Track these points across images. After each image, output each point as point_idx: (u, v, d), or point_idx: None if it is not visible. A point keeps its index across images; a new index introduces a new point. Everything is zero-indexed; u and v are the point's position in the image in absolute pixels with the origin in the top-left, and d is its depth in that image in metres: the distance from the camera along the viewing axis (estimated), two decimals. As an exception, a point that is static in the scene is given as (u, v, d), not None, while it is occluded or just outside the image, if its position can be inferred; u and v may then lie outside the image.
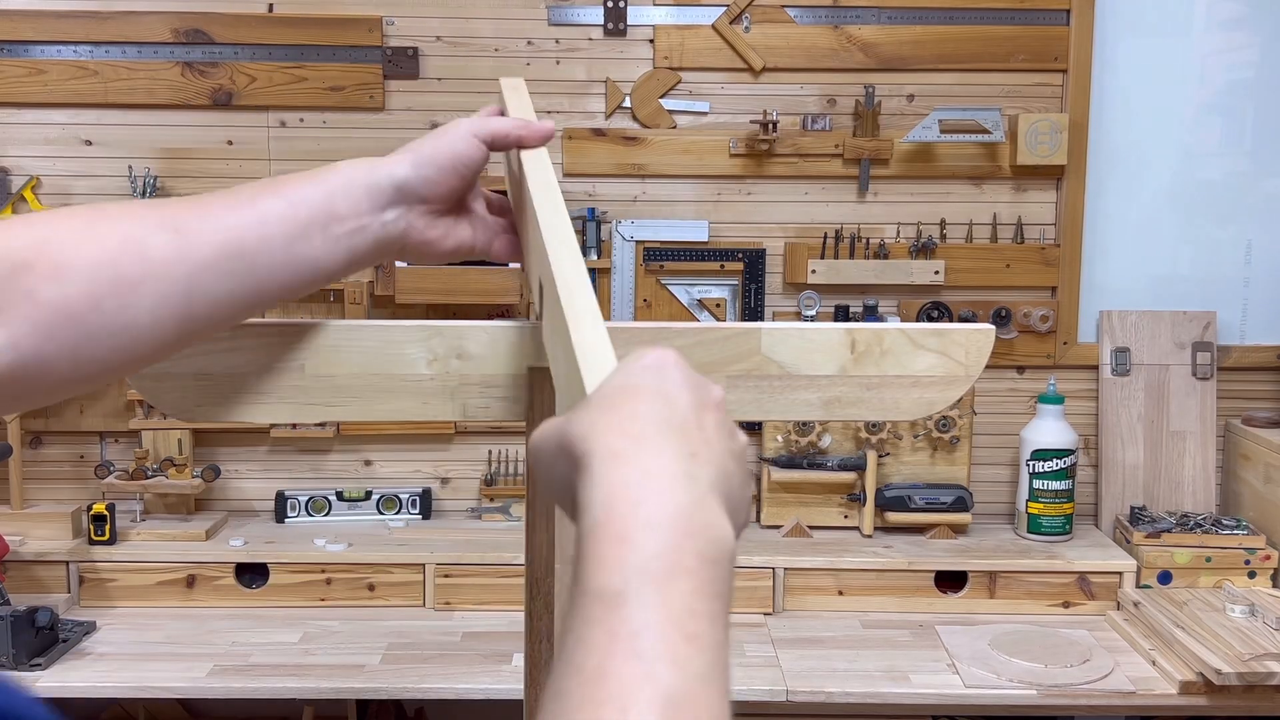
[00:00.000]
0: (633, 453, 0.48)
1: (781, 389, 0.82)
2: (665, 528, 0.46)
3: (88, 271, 0.69)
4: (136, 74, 2.34)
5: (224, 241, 0.73)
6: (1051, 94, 2.39)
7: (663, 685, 0.43)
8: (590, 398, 0.52)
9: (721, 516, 0.49)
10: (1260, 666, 1.86)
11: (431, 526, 2.39)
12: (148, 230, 0.71)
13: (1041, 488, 2.31)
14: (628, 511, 0.46)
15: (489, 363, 0.83)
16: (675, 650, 0.44)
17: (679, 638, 0.44)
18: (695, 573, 0.46)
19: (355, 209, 0.78)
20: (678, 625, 0.44)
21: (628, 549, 0.45)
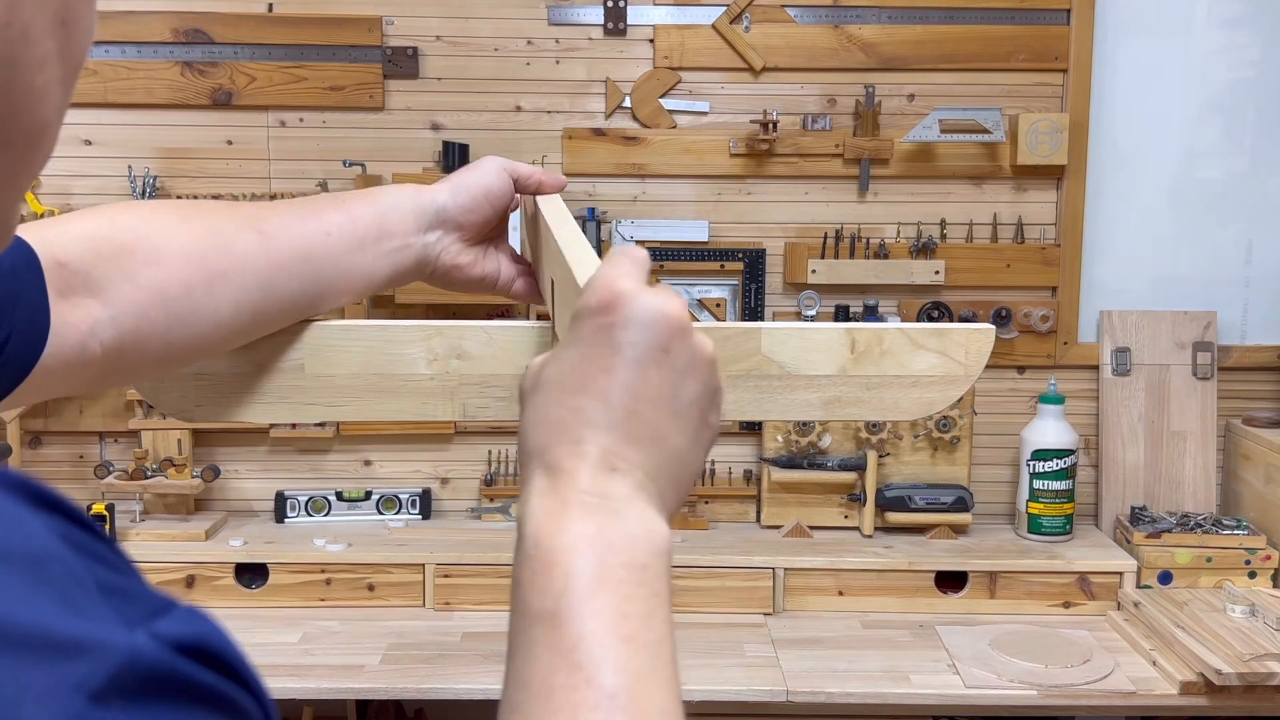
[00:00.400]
0: (558, 485, 0.54)
1: (781, 389, 0.82)
2: (585, 550, 0.51)
3: (182, 260, 0.74)
4: (136, 74, 2.34)
5: (297, 246, 0.80)
6: (1052, 94, 2.39)
7: (605, 688, 0.48)
8: (546, 373, 0.57)
9: (647, 518, 0.54)
10: (1261, 667, 1.86)
11: (431, 527, 2.39)
12: (235, 228, 0.77)
13: (1042, 488, 2.31)
14: (551, 542, 0.52)
15: (489, 363, 0.83)
16: (613, 654, 0.49)
17: (615, 641, 0.49)
18: (624, 581, 0.51)
19: (403, 227, 0.86)
20: (612, 630, 0.49)
21: (556, 573, 0.51)
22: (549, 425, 0.56)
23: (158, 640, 0.32)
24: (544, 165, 2.38)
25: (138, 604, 0.33)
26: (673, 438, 0.57)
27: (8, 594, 0.30)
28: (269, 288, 0.78)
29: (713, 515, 2.43)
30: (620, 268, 0.58)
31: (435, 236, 0.87)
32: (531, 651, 0.50)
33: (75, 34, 0.42)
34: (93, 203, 2.37)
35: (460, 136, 2.36)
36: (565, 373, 0.56)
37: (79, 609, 0.31)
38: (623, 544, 0.53)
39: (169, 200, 0.79)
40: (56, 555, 0.32)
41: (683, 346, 0.57)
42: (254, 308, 0.77)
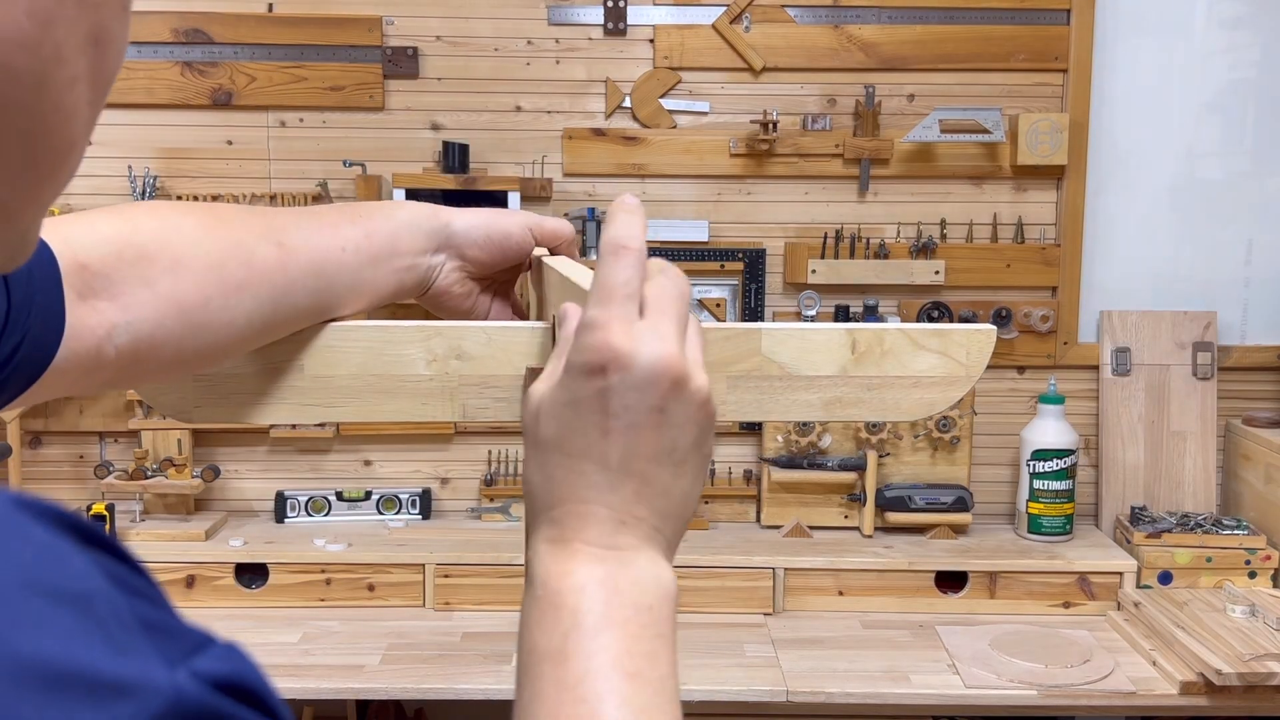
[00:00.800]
0: (566, 536, 0.57)
1: (782, 389, 0.82)
2: (592, 592, 0.54)
3: (203, 270, 0.74)
4: (136, 74, 2.34)
5: (314, 260, 0.79)
6: (1052, 94, 2.39)
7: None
8: (544, 428, 0.59)
9: (655, 564, 0.57)
10: (1261, 667, 1.86)
11: (431, 527, 2.39)
12: (256, 239, 0.77)
13: (1042, 488, 2.31)
14: (560, 584, 0.55)
15: (488, 363, 0.82)
16: (617, 689, 0.51)
17: (619, 678, 0.51)
18: (630, 621, 0.54)
19: (413, 247, 0.85)
20: (617, 667, 0.52)
21: (564, 613, 0.54)
22: (553, 484, 0.58)
23: (199, 679, 0.33)
24: (544, 165, 2.38)
25: (178, 640, 0.34)
26: (675, 485, 0.59)
27: (59, 634, 0.31)
28: (282, 300, 0.77)
29: (713, 515, 2.43)
30: (612, 310, 0.58)
31: (440, 259, 0.87)
32: (538, 687, 0.52)
33: (107, 54, 0.41)
34: (93, 203, 2.37)
35: (460, 136, 2.36)
36: (564, 435, 0.58)
37: (124, 648, 0.32)
38: (629, 587, 0.55)
39: (193, 205, 0.78)
40: (102, 593, 0.33)
41: (678, 403, 0.58)
42: (266, 319, 0.77)
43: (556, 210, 2.39)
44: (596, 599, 0.54)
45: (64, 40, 0.38)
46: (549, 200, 2.38)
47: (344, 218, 0.83)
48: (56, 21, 0.38)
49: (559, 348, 0.64)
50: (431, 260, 0.86)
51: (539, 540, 0.58)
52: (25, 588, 0.31)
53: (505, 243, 0.87)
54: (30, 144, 0.39)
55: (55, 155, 0.41)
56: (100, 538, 0.35)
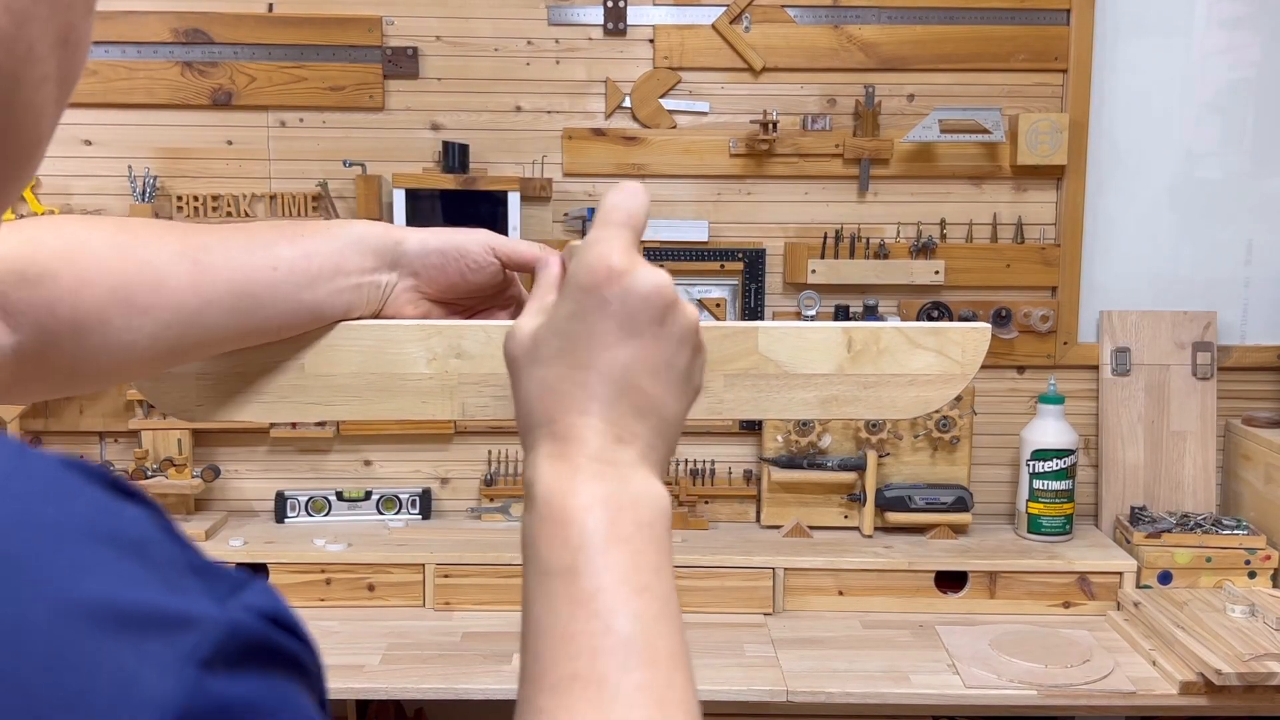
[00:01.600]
0: (568, 452, 0.58)
1: (779, 388, 0.82)
2: (597, 509, 0.56)
3: (106, 292, 0.71)
4: (136, 74, 2.34)
5: (237, 280, 0.75)
6: (1052, 94, 2.39)
7: (623, 633, 0.52)
8: (544, 345, 0.60)
9: (650, 482, 0.59)
10: (1261, 667, 1.86)
11: (431, 526, 2.39)
12: (169, 259, 0.74)
13: (1042, 488, 2.31)
14: (565, 502, 0.56)
15: (488, 362, 0.83)
16: (629, 602, 0.53)
17: (629, 592, 0.54)
18: (633, 537, 0.56)
19: (360, 265, 0.80)
20: (626, 582, 0.54)
21: (572, 530, 0.55)
22: (555, 395, 0.59)
23: (249, 611, 0.36)
24: (544, 165, 2.38)
25: (223, 580, 0.37)
26: (668, 405, 0.62)
27: (123, 577, 0.34)
28: (193, 322, 0.74)
29: (713, 515, 2.43)
30: (614, 243, 0.60)
31: (391, 277, 0.82)
32: (550, 603, 0.54)
33: (75, 54, 0.42)
34: (93, 203, 2.37)
35: (460, 136, 2.36)
36: (566, 347, 0.60)
37: (179, 587, 0.35)
38: (631, 504, 0.57)
39: (105, 220, 0.75)
40: (154, 539, 0.36)
41: (674, 318, 0.61)
42: (173, 341, 0.74)
43: (556, 210, 2.39)
44: (602, 518, 0.56)
45: (37, 39, 0.39)
46: (549, 200, 2.38)
47: (282, 236, 0.79)
48: (31, 20, 0.38)
49: (538, 289, 0.66)
50: (380, 278, 0.81)
51: (539, 456, 0.59)
52: (88, 537, 0.34)
53: (460, 260, 0.82)
54: (1, 140, 0.39)
55: (22, 153, 0.41)
56: (138, 493, 0.38)
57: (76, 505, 0.35)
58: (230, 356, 0.82)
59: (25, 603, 0.31)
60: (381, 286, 0.82)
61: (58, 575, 0.32)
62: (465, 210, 2.30)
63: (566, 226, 2.39)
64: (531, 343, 0.61)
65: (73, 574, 0.32)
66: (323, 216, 2.37)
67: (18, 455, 0.35)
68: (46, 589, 0.32)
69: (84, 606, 0.32)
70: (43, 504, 0.34)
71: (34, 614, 0.31)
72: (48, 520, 0.33)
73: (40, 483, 0.35)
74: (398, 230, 0.82)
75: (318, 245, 0.79)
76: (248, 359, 0.82)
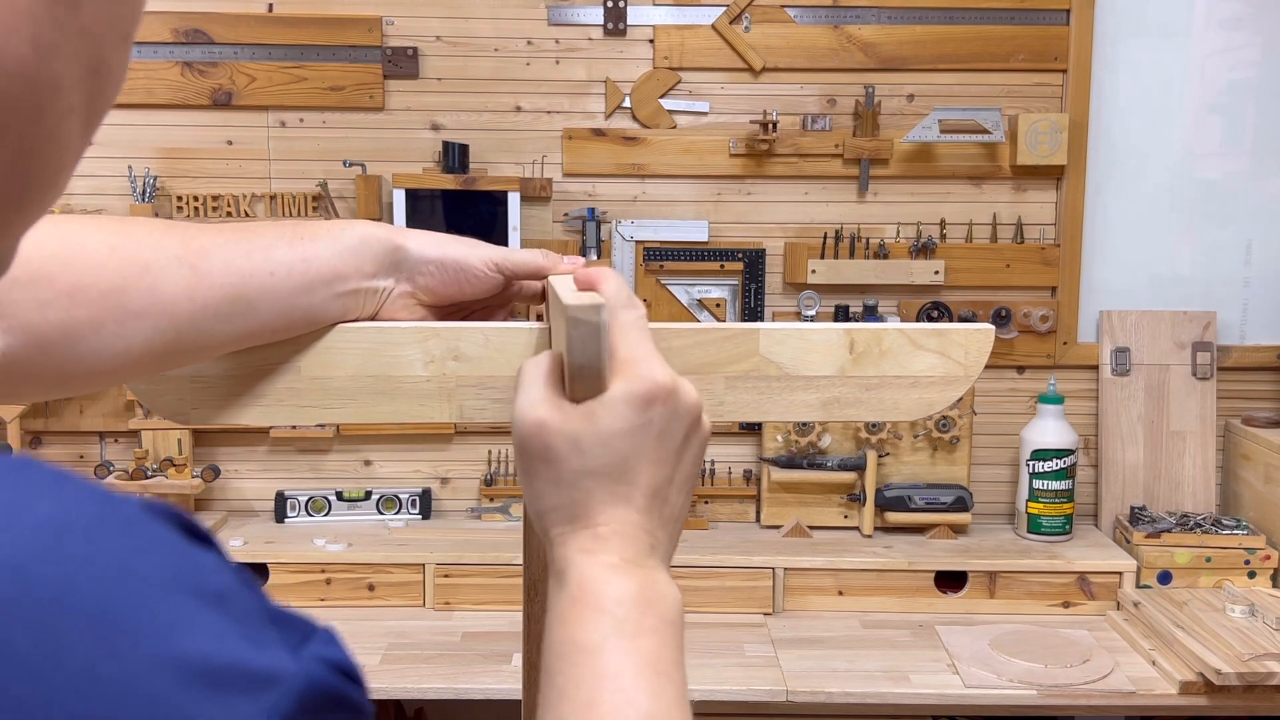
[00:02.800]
0: (606, 548, 0.63)
1: (780, 390, 0.82)
2: (629, 603, 0.61)
3: (99, 295, 0.70)
4: (136, 74, 2.34)
5: (233, 285, 0.74)
6: (1051, 94, 2.39)
7: (643, 709, 0.57)
8: (593, 455, 0.64)
9: (671, 585, 0.64)
10: (1260, 666, 1.86)
11: (431, 526, 2.39)
12: (166, 263, 0.72)
13: (1041, 488, 2.31)
14: (600, 590, 0.61)
15: (485, 364, 0.82)
16: (650, 684, 0.58)
17: (651, 675, 0.59)
18: (658, 630, 0.61)
19: (359, 270, 0.79)
20: (650, 666, 0.59)
21: (603, 616, 0.60)
22: (598, 502, 0.64)
23: (321, 664, 0.37)
24: (544, 165, 2.38)
25: (294, 629, 0.37)
26: (681, 508, 0.68)
27: (210, 631, 0.34)
28: (188, 328, 0.73)
29: (712, 515, 2.43)
30: (655, 360, 0.66)
31: (388, 283, 0.81)
32: (576, 674, 0.59)
33: (105, 84, 0.40)
34: (94, 203, 2.37)
35: (460, 137, 2.36)
36: (614, 462, 0.64)
37: (260, 641, 0.36)
38: (658, 601, 0.62)
39: (103, 220, 0.73)
40: (233, 589, 0.36)
41: (699, 432, 0.68)
42: (167, 346, 0.73)
43: (556, 210, 2.39)
44: (634, 609, 0.61)
45: (63, 71, 0.38)
46: (549, 200, 2.38)
47: (281, 239, 0.77)
48: (59, 53, 0.37)
49: (555, 323, 0.69)
50: (378, 284, 0.81)
51: (575, 550, 0.64)
52: (179, 589, 0.34)
53: (460, 275, 0.81)
54: (21, 172, 0.39)
55: (44, 184, 0.40)
56: (209, 535, 0.38)
57: (164, 556, 0.35)
58: (226, 359, 0.81)
59: (124, 658, 0.32)
60: (379, 292, 0.81)
61: (154, 630, 0.33)
62: (465, 210, 2.30)
63: (566, 226, 2.39)
64: (573, 447, 0.64)
65: (168, 629, 0.33)
66: (323, 216, 2.37)
67: (104, 501, 0.35)
68: (144, 644, 0.32)
69: (179, 663, 0.33)
70: (133, 556, 0.34)
71: (132, 669, 0.32)
72: (141, 573, 0.34)
73: (129, 533, 0.35)
74: (400, 234, 0.81)
75: (317, 249, 0.78)
76: (243, 361, 0.82)
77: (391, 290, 0.82)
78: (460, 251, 0.82)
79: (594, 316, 0.63)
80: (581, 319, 0.63)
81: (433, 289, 0.82)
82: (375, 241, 0.80)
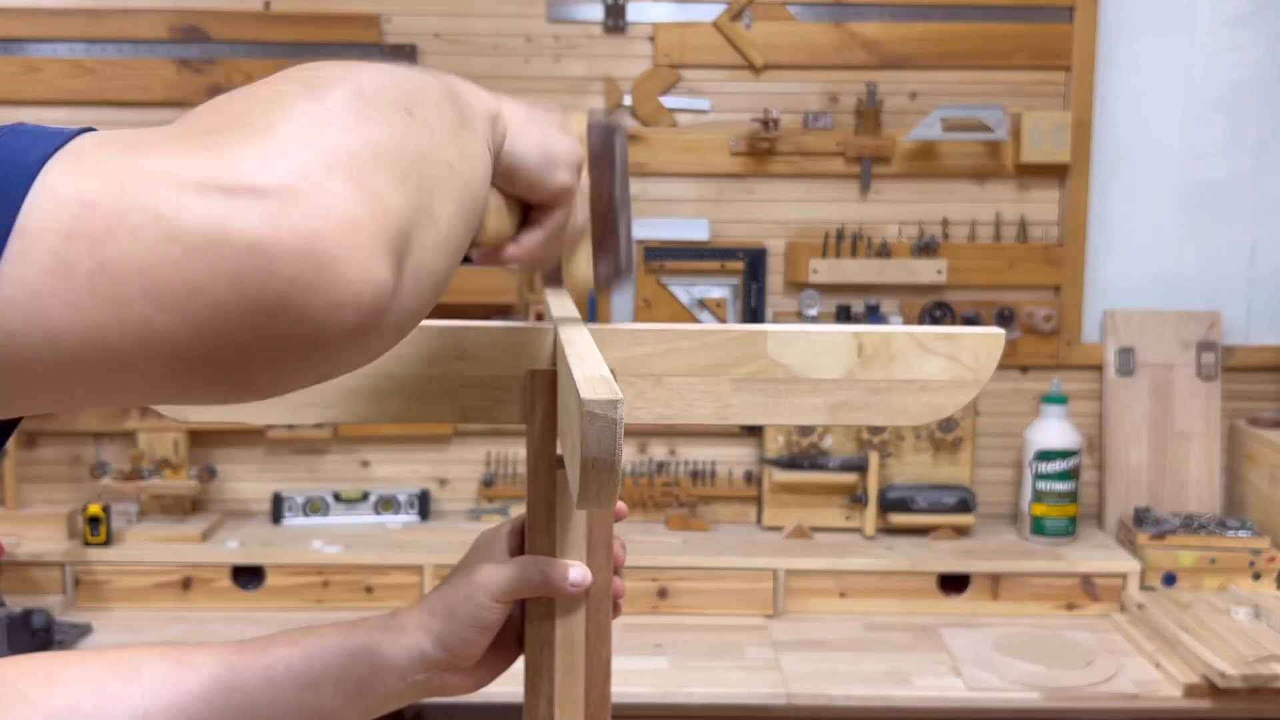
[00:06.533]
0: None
1: (787, 392, 0.80)
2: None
3: (75, 683, 0.72)
4: (132, 72, 2.32)
5: (222, 677, 0.74)
6: (1055, 92, 2.38)
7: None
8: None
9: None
10: (1265, 669, 1.84)
11: (430, 528, 2.37)
12: (148, 654, 0.75)
13: (1045, 489, 2.30)
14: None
15: (489, 364, 0.81)
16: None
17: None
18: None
19: (377, 679, 0.79)
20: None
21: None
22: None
23: None
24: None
25: None
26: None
27: None
28: (173, 711, 0.74)
29: (713, 516, 2.41)
30: None
31: (423, 677, 0.81)
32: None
33: None
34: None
35: (459, 135, 2.34)
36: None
37: None
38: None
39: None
40: None
41: None
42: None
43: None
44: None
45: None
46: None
47: (280, 638, 0.78)
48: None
49: None
50: (411, 678, 0.80)
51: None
52: None
53: (481, 627, 0.80)
54: None
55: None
56: None
57: None
58: None
59: None
60: (416, 686, 0.82)
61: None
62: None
63: (566, 225, 2.38)
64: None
65: None
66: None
67: None
68: None
69: None
70: None
71: None
72: None
73: None
74: (410, 635, 0.80)
75: (323, 648, 0.78)
76: None
77: (431, 680, 0.82)
78: (471, 615, 0.79)
79: (611, 412, 0.58)
80: (598, 414, 0.57)
81: (471, 655, 0.81)
82: (391, 654, 0.79)
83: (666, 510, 2.40)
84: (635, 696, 1.86)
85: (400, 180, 0.46)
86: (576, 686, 0.81)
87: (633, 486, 2.40)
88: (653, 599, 2.17)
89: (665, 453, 2.44)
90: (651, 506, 2.40)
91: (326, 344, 0.44)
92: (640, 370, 0.79)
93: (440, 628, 0.79)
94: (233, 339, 0.42)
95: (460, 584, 0.80)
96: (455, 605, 0.79)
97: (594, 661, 0.81)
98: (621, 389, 0.72)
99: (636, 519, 2.39)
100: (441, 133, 0.53)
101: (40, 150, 0.42)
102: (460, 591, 0.79)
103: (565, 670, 0.81)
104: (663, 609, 2.18)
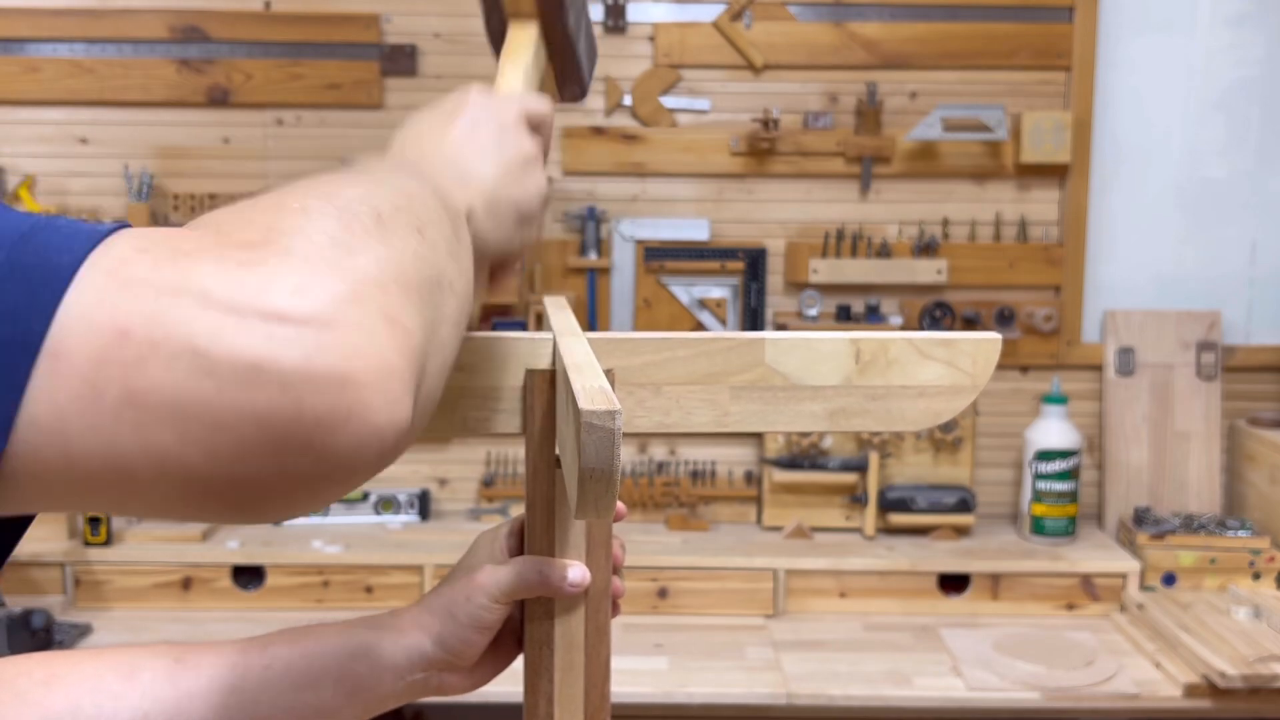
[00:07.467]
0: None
1: (786, 400, 0.80)
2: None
3: (77, 682, 0.72)
4: (132, 71, 2.32)
5: (221, 676, 0.74)
6: (1055, 92, 2.37)
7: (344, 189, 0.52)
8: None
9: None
10: (1265, 669, 1.85)
11: (430, 528, 2.38)
12: (150, 654, 0.74)
13: (1045, 489, 2.30)
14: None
15: (488, 375, 0.81)
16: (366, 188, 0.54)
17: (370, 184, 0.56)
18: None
19: (376, 678, 0.78)
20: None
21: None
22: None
23: None
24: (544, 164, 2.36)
25: None
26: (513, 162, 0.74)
27: None
28: (173, 711, 0.74)
29: (713, 516, 2.41)
30: None
31: (421, 676, 0.81)
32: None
33: None
34: (89, 203, 2.35)
35: (459, 135, 2.34)
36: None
37: None
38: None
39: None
40: None
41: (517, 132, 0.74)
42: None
43: (556, 210, 2.37)
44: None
45: None
46: (549, 200, 2.36)
47: (279, 636, 0.77)
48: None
49: None
50: (409, 678, 0.80)
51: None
52: None
53: (481, 627, 0.79)
54: None
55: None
56: None
57: None
58: None
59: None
60: (413, 685, 0.81)
61: None
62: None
63: (566, 226, 2.38)
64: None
65: None
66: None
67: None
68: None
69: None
70: None
71: None
72: None
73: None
74: (410, 636, 0.79)
75: (322, 648, 0.77)
76: None
77: (429, 679, 0.82)
78: (471, 616, 0.79)
79: (609, 423, 0.57)
80: (596, 425, 0.57)
81: (471, 655, 0.81)
82: (390, 654, 0.79)
83: (666, 510, 2.40)
84: (635, 696, 1.87)
85: (419, 310, 0.48)
86: (576, 686, 0.81)
87: (633, 486, 2.40)
88: (653, 599, 2.18)
89: (665, 453, 2.44)
90: (651, 506, 2.40)
91: (343, 480, 0.45)
92: (639, 379, 0.79)
93: (439, 628, 0.79)
94: (252, 473, 0.43)
95: (460, 584, 0.80)
96: (454, 605, 0.79)
97: (593, 661, 0.81)
98: (620, 398, 0.72)
99: (636, 519, 2.39)
100: (444, 251, 0.54)
101: (73, 253, 0.42)
102: (460, 591, 0.79)
103: (565, 670, 0.81)
104: (663, 609, 2.18)
